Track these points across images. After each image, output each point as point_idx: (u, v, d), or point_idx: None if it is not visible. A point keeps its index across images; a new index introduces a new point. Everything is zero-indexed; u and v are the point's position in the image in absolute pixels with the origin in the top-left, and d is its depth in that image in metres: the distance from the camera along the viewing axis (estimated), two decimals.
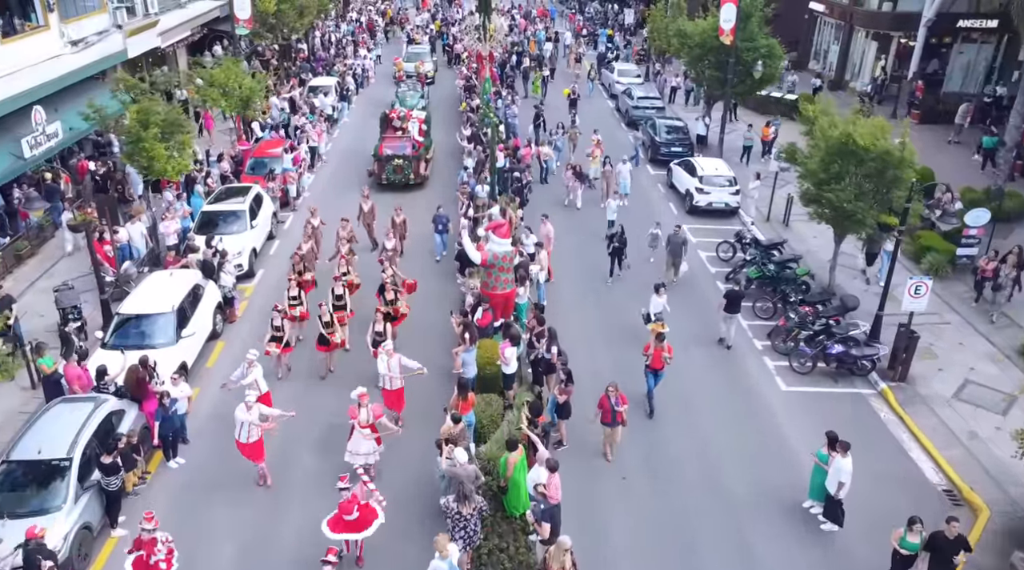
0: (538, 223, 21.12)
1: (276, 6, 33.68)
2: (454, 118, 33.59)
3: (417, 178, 26.14)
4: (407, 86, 34.00)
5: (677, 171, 27.11)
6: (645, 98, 34.79)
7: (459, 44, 41.70)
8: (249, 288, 20.59)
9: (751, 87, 29.61)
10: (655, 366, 15.24)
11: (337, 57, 40.22)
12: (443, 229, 21.24)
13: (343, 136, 33.00)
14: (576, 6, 59.52)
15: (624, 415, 13.87)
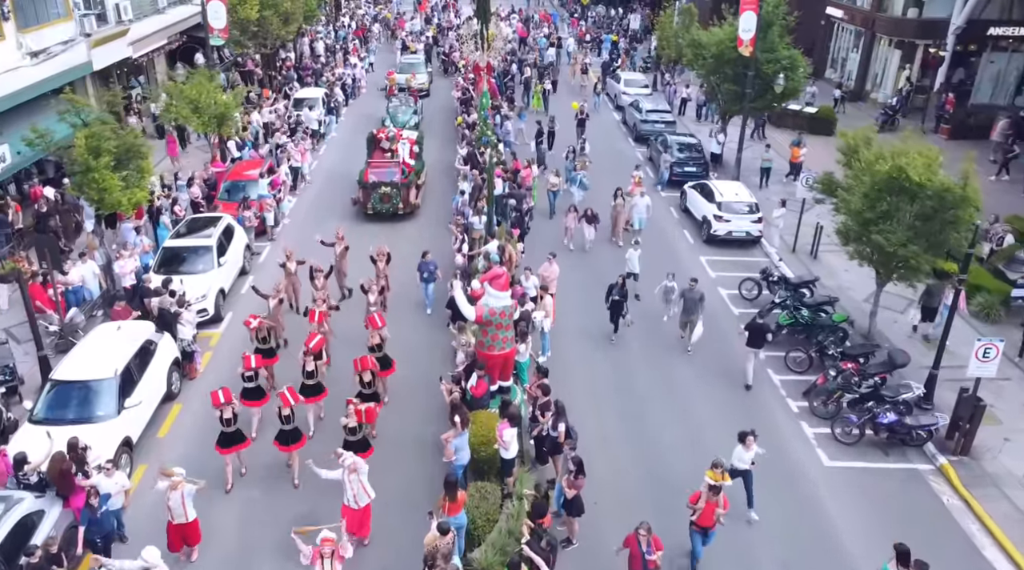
0: (542, 261, 18.77)
1: (258, 13, 31.37)
2: (449, 133, 31.29)
3: (407, 207, 23.54)
4: (399, 101, 31.72)
5: (692, 195, 24.77)
6: (655, 111, 32.43)
7: (455, 53, 39.39)
8: (215, 335, 18.25)
9: (771, 102, 27.28)
10: (704, 523, 11.62)
11: (326, 66, 37.82)
12: (430, 277, 18.48)
13: (330, 153, 30.65)
14: (579, 11, 57.10)
15: (658, 563, 10.67)
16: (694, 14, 36.11)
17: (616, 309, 17.71)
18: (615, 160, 30.18)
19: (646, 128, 32.10)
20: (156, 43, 32.04)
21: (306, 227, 23.77)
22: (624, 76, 37.84)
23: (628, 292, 17.81)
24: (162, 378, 15.26)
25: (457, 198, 23.23)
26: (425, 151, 29.17)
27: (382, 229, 22.76)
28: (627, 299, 17.76)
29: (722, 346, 18.08)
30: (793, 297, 18.45)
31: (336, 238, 18.92)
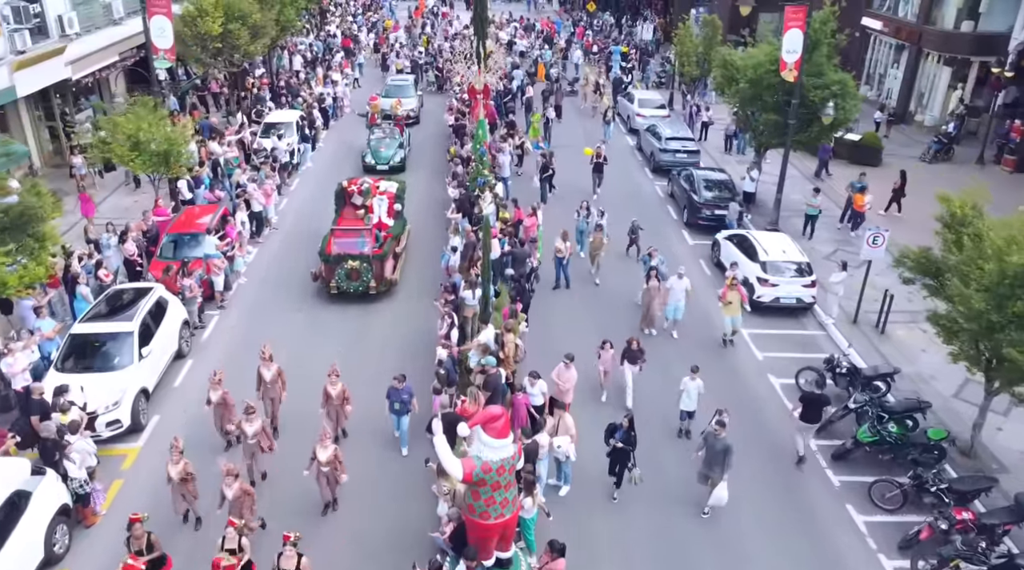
0: (554, 362, 14.74)
1: (222, 26, 27.32)
2: (440, 164, 27.22)
3: (381, 285, 18.65)
4: (382, 131, 27.62)
5: (728, 249, 20.71)
6: (676, 139, 28.37)
7: (449, 70, 35.34)
8: (131, 452, 14.21)
9: (818, 134, 23.23)
10: None
11: (303, 84, 33.69)
12: (403, 409, 13.56)
13: (303, 188, 26.57)
14: (584, 19, 52.91)
15: None
16: (717, 27, 32.10)
17: (620, 459, 12.92)
18: (633, 197, 26.12)
19: (666, 159, 28.06)
20: (106, 60, 28.03)
21: (265, 290, 19.74)
22: (638, 95, 33.76)
23: (636, 437, 12.81)
24: (36, 540, 11.23)
25: (447, 256, 19.19)
26: (412, 188, 25.15)
27: (347, 312, 18.40)
28: (635, 446, 12.83)
29: (776, 482, 13.91)
30: (873, 403, 14.41)
31: (262, 360, 13.83)
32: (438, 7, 57.28)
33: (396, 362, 16.13)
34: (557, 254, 19.43)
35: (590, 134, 32.01)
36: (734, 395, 15.86)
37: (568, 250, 19.31)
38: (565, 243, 19.28)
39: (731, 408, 13.86)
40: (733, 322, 17.41)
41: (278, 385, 13.86)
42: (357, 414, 14.09)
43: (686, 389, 14.24)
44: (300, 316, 18.41)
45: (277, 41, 36.10)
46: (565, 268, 19.67)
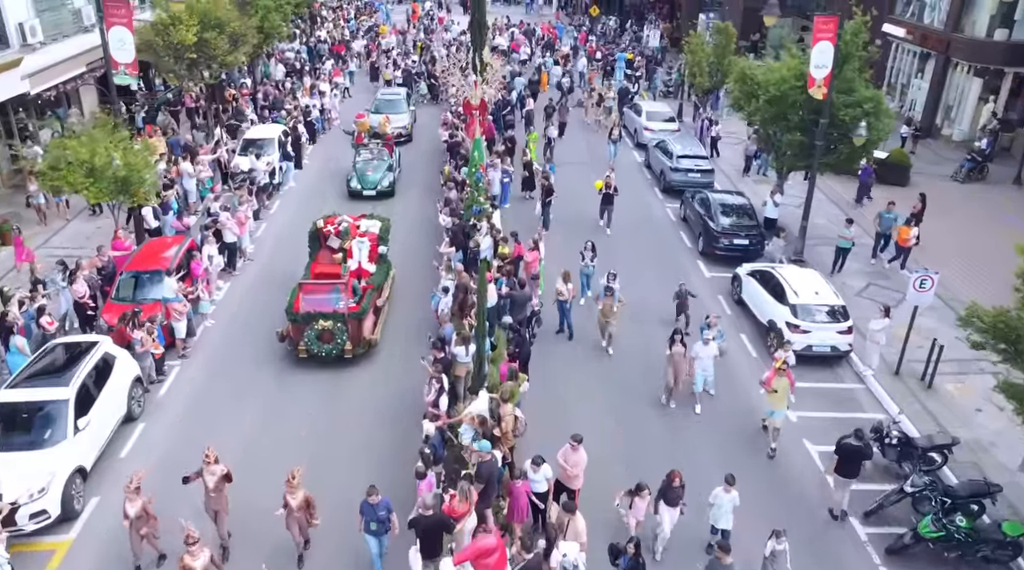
0: (558, 433, 12.61)
1: (197, 35, 25.20)
2: (433, 182, 25.05)
3: (358, 347, 15.87)
4: (370, 152, 25.29)
5: (752, 288, 18.58)
6: (688, 157, 26.23)
7: (443, 79, 33.03)
8: (62, 545, 12.06)
9: (848, 156, 21.10)
10: None
11: (287, 95, 31.50)
12: (380, 529, 10.82)
13: (284, 212, 24.42)
14: (588, 24, 50.69)
15: None
16: (731, 35, 29.97)
17: None
18: (642, 223, 23.97)
19: (677, 178, 25.92)
20: (72, 71, 25.92)
21: (233, 334, 17.61)
22: (646, 107, 31.60)
23: (644, 564, 10.47)
24: None
25: (437, 297, 17.07)
26: (402, 215, 23.07)
27: (321, 370, 15.96)
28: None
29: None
30: (935, 487, 12.27)
31: (205, 461, 11.15)
32: (434, 11, 55.10)
33: (375, 431, 14.09)
34: (559, 297, 17.17)
35: (595, 152, 29.88)
36: (763, 471, 13.79)
37: (571, 293, 17.10)
38: (567, 285, 17.02)
39: (761, 485, 11.75)
40: (775, 416, 14.15)
41: (224, 496, 11.30)
42: (324, 519, 11.60)
43: (717, 502, 11.69)
44: (269, 370, 16.20)
45: (261, 49, 34.00)
46: (568, 313, 17.43)
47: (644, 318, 18.22)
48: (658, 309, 18.57)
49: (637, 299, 18.66)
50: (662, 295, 19.10)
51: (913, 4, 32.62)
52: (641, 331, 17.77)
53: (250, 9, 31.06)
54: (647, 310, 18.59)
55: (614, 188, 22.22)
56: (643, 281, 19.92)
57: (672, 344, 14.90)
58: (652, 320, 18.18)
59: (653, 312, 18.53)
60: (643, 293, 19.26)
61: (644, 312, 18.45)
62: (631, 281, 19.61)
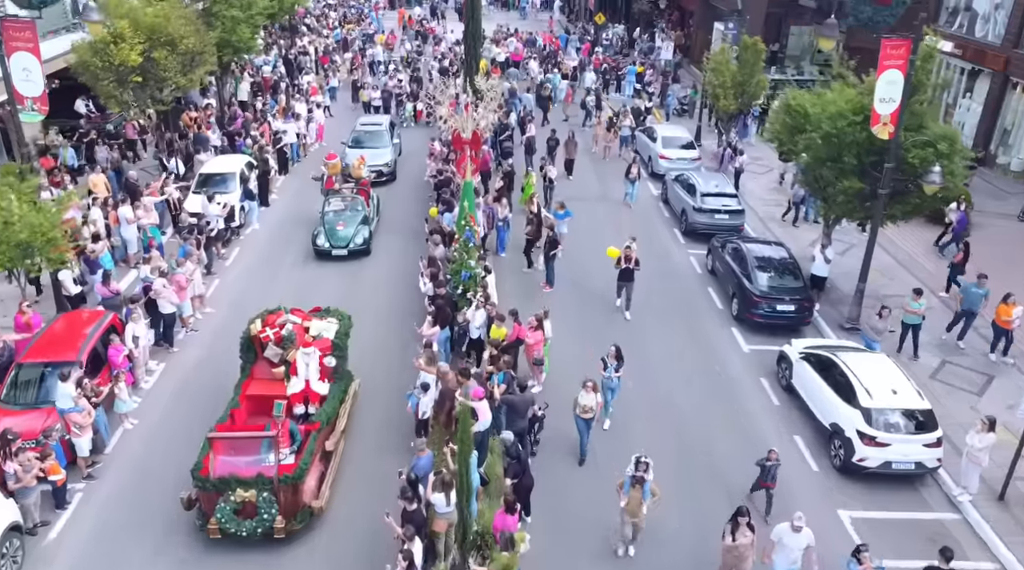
0: None
1: (143, 55, 21.61)
2: (417, 236, 21.28)
3: (294, 520, 11.34)
4: (341, 201, 21.14)
5: (808, 377, 14.96)
6: (714, 195, 22.61)
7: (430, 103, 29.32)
8: None
9: (917, 206, 17.49)
10: None
11: (256, 119, 27.81)
12: None
13: (243, 262, 20.79)
14: (592, 33, 46.84)
15: None
16: (760, 51, 26.33)
17: None
18: (662, 275, 20.35)
19: (702, 221, 22.33)
20: None
21: (160, 439, 13.98)
22: (660, 132, 27.96)
23: None
24: None
25: (414, 397, 13.48)
26: (379, 279, 19.46)
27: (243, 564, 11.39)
28: None
29: None
30: None
31: None
32: (427, 21, 51.26)
33: None
34: (582, 415, 13.16)
35: (606, 185, 26.19)
36: None
37: (597, 407, 13.30)
38: (595, 396, 13.10)
39: None
40: None
41: None
42: None
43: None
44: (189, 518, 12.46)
45: (228, 65, 30.40)
46: (588, 432, 13.48)
47: (674, 439, 14.30)
48: (692, 419, 14.91)
49: (659, 396, 15.17)
50: (694, 392, 15.57)
51: (961, 15, 29.04)
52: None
53: (215, 21, 27.53)
54: (676, 421, 14.87)
55: (635, 262, 17.63)
56: (666, 365, 16.35)
57: (734, 529, 10.45)
58: (691, 448, 14.09)
59: (685, 424, 14.76)
60: (667, 386, 15.75)
61: (671, 423, 14.77)
62: (650, 365, 16.14)
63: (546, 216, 20.16)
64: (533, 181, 22.13)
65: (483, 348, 15.35)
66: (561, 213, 20.33)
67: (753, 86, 26.16)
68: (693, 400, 15.43)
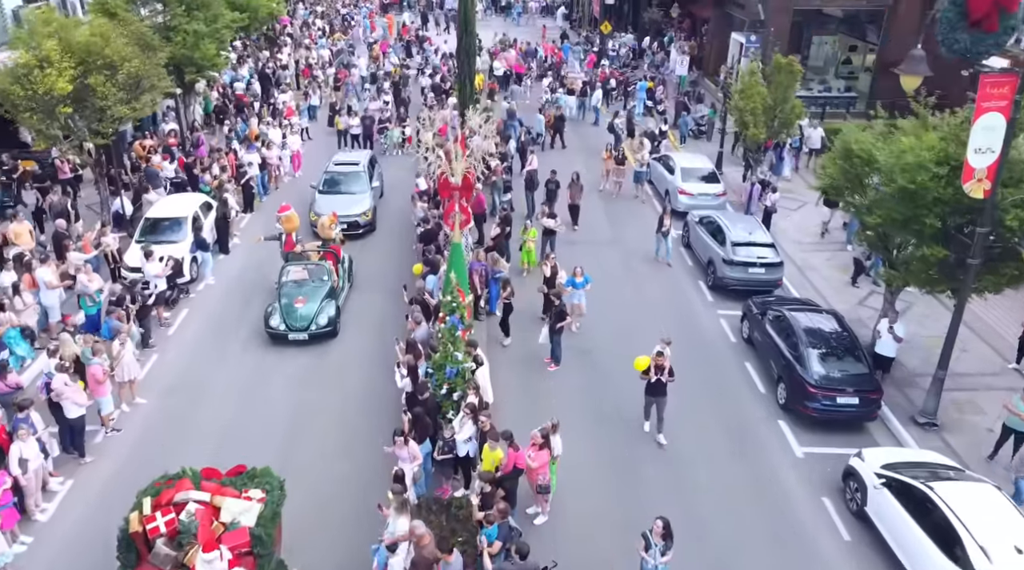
0: None
1: (75, 81, 18.27)
2: (395, 306, 17.75)
3: None
4: (303, 269, 17.11)
5: (893, 513, 11.58)
6: (747, 245, 19.25)
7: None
8: None
9: (1014, 277, 14.11)
10: None
11: (215, 152, 24.36)
12: None
13: (188, 330, 17.45)
14: (598, 43, 43.25)
15: None
16: (797, 72, 22.92)
17: None
18: (687, 344, 16.91)
19: (733, 276, 19.01)
20: None
21: None
22: (679, 162, 24.58)
23: None
24: None
25: (381, 554, 10.12)
26: (349, 368, 16.15)
27: None
28: None
29: None
30: None
31: None
32: (420, 29, 47.68)
33: None
34: None
35: (618, 231, 22.72)
36: None
37: None
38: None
39: None
40: None
41: None
42: None
43: None
44: None
45: (192, 86, 27.10)
46: None
47: None
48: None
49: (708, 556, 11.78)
50: (751, 537, 12.20)
51: (1021, 28, 25.62)
52: None
53: (174, 36, 24.22)
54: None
55: (669, 372, 13.48)
56: (711, 497, 12.95)
57: None
58: None
59: None
60: (719, 538, 12.36)
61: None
62: (690, 497, 12.76)
63: (561, 282, 16.68)
64: (535, 237, 18.69)
65: (473, 466, 12.06)
66: (579, 281, 16.78)
67: (787, 112, 22.78)
68: (749, 546, 12.08)
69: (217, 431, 14.00)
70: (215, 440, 13.67)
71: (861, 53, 37.14)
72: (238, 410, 14.65)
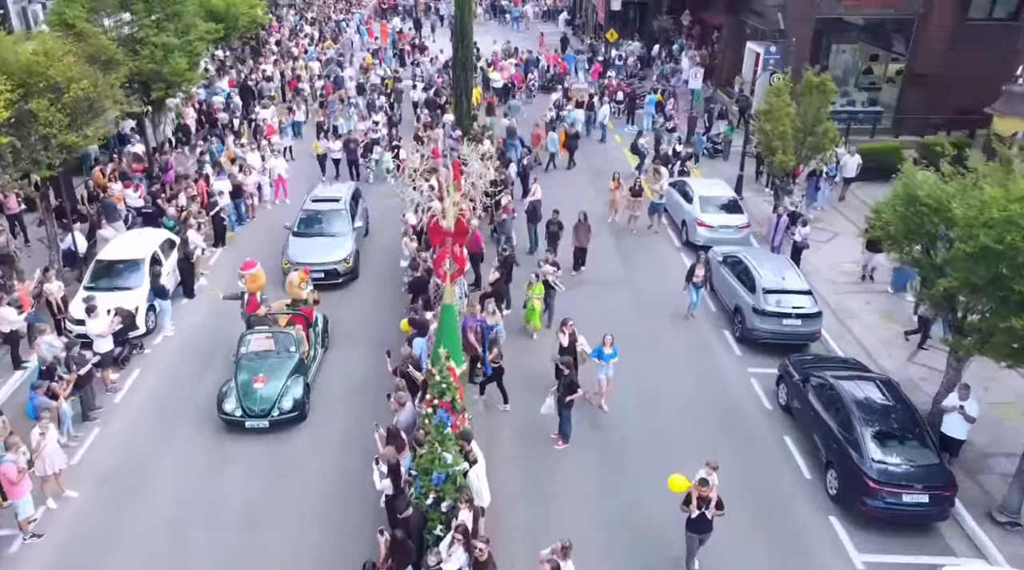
0: None
1: (12, 108, 15.91)
2: (377, 373, 15.23)
3: None
4: (267, 338, 14.27)
5: None
6: (781, 292, 16.83)
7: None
8: None
9: None
10: None
11: (183, 179, 21.86)
12: None
13: (137, 397, 15.03)
14: (603, 51, 40.65)
15: None
16: (830, 92, 20.51)
17: None
18: (718, 413, 14.57)
19: (766, 328, 16.64)
20: None
21: None
22: (697, 190, 22.14)
23: None
24: None
25: None
26: (320, 424, 13.76)
27: None
28: None
29: None
30: None
31: None
32: (417, 38, 45.05)
33: None
34: None
35: (632, 271, 20.29)
36: None
37: None
38: None
39: None
40: None
41: None
42: None
43: None
44: None
45: (162, 104, 24.77)
46: None
47: None
48: None
49: None
50: None
51: None
52: None
53: (141, 49, 21.92)
54: None
55: (718, 504, 10.63)
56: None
57: None
58: None
59: None
60: None
61: None
62: None
63: (581, 351, 14.23)
64: (540, 293, 16.21)
65: None
66: (608, 352, 14.17)
67: (819, 136, 20.41)
68: None
69: (157, 532, 11.66)
70: (153, 545, 11.35)
71: (883, 62, 34.84)
72: (183, 507, 12.28)
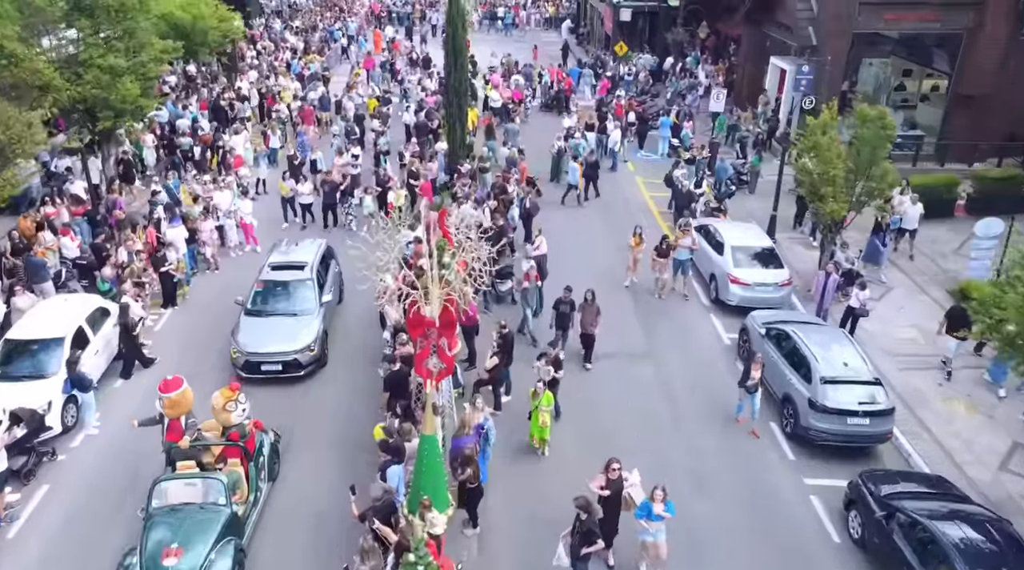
0: None
1: None
2: (339, 461, 12.22)
3: None
4: (186, 484, 10.31)
5: None
6: (843, 382, 13.64)
7: None
8: None
9: None
10: None
11: (116, 233, 18.05)
12: None
13: (40, 525, 11.88)
14: (612, 65, 37.16)
15: None
16: (890, 127, 17.29)
17: None
18: (768, 549, 11.48)
19: (825, 428, 13.49)
20: None
21: None
22: (727, 236, 18.99)
23: None
24: None
25: None
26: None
27: None
28: None
29: None
30: None
31: None
32: (414, 51, 41.42)
33: None
34: None
35: (654, 343, 16.99)
36: None
37: None
38: None
39: None
40: None
41: None
42: None
43: None
44: None
45: (111, 134, 21.68)
46: None
47: None
48: None
49: None
50: None
51: None
52: None
53: (85, 72, 18.93)
54: None
55: None
56: None
57: None
58: None
59: None
60: None
61: None
62: None
63: (627, 496, 10.90)
64: (549, 405, 12.87)
65: None
66: (658, 512, 10.46)
67: (876, 179, 17.28)
68: None
69: None
70: None
71: (916, 78, 31.90)
72: None
